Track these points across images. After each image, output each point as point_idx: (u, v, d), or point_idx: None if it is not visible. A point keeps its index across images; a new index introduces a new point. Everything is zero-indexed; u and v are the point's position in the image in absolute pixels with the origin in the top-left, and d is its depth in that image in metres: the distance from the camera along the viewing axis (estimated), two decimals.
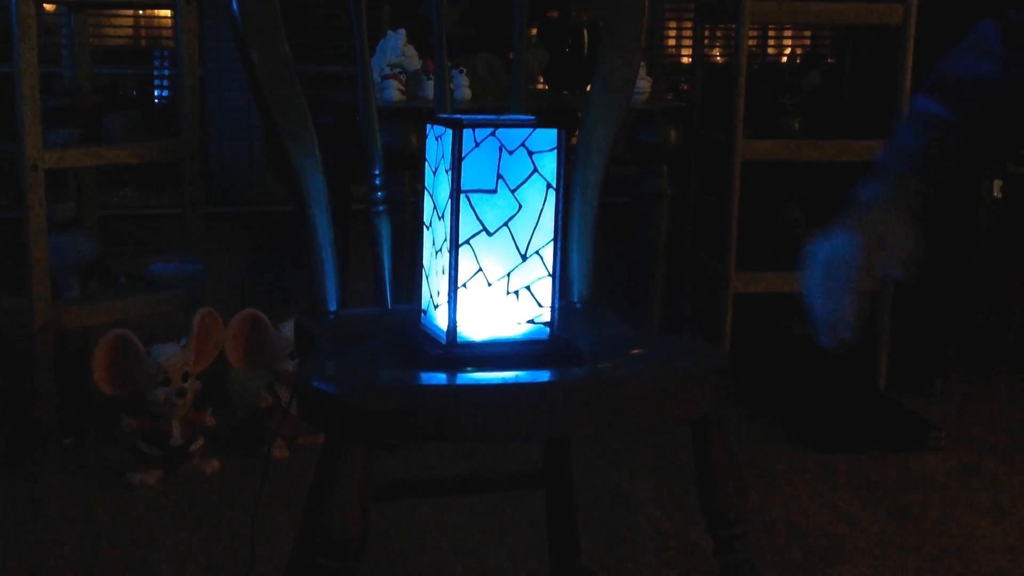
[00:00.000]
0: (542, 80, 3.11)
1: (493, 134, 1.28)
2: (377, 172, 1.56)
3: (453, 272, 1.29)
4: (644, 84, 2.80)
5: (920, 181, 1.32)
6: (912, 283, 1.32)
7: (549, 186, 1.31)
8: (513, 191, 1.30)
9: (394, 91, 2.62)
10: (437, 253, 1.33)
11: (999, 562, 2.12)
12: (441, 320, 1.32)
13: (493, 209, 1.29)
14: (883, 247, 1.28)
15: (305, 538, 1.58)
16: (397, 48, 2.70)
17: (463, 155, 1.27)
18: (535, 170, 1.30)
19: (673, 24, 3.76)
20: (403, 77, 2.65)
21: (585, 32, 2.99)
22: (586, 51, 2.97)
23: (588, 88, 1.87)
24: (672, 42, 3.79)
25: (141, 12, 3.44)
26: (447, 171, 1.28)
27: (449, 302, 1.30)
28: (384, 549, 2.09)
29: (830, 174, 3.04)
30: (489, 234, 1.30)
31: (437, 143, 1.32)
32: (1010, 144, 1.38)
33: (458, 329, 1.31)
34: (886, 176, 1.33)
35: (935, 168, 1.33)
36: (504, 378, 1.27)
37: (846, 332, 1.29)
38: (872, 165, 1.35)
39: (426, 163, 1.36)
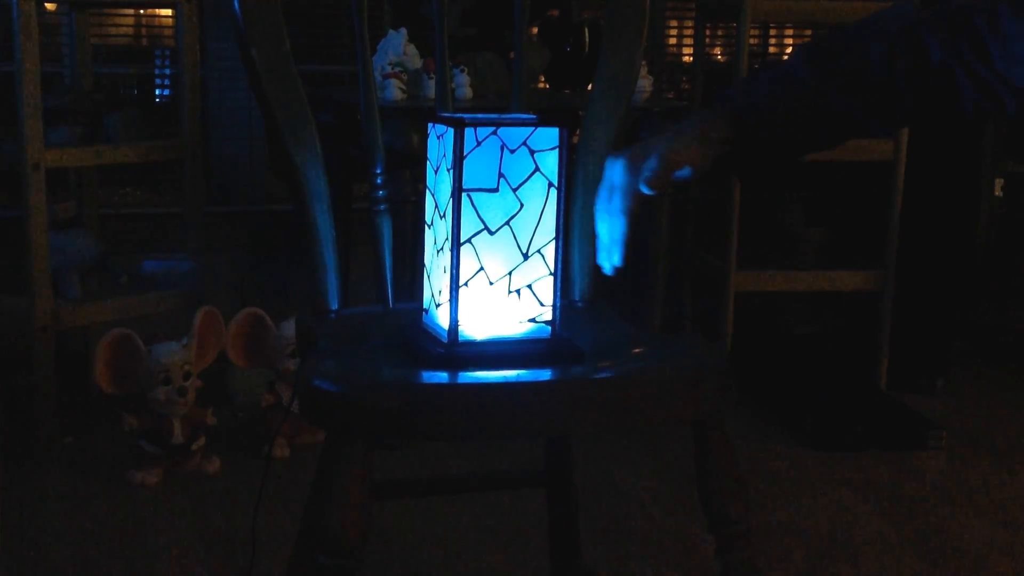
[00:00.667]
0: (543, 79, 3.10)
1: (495, 133, 1.28)
2: (378, 171, 1.56)
3: (454, 271, 1.29)
4: (645, 83, 2.80)
5: (731, 127, 1.25)
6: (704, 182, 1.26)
7: (551, 185, 1.31)
8: (515, 190, 1.29)
9: (395, 90, 2.62)
10: (438, 252, 1.32)
11: (998, 562, 2.12)
12: (442, 319, 1.32)
13: (495, 208, 1.29)
14: (649, 160, 1.23)
15: (306, 537, 1.58)
16: (398, 47, 2.70)
17: (465, 154, 1.27)
18: (537, 169, 1.30)
19: (674, 23, 3.76)
20: (404, 76, 2.65)
21: (586, 31, 2.99)
22: (587, 50, 2.97)
23: (589, 87, 1.87)
24: (673, 41, 3.79)
25: (142, 11, 3.44)
26: (448, 170, 1.28)
27: (450, 301, 1.29)
28: (384, 549, 2.09)
29: (831, 174, 3.04)
30: (491, 233, 1.30)
31: (439, 142, 1.32)
32: (862, 134, 1.26)
33: (459, 328, 1.31)
34: (709, 109, 1.28)
35: (757, 120, 1.24)
36: (505, 377, 1.27)
37: (616, 256, 1.27)
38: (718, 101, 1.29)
39: (427, 162, 1.36)
